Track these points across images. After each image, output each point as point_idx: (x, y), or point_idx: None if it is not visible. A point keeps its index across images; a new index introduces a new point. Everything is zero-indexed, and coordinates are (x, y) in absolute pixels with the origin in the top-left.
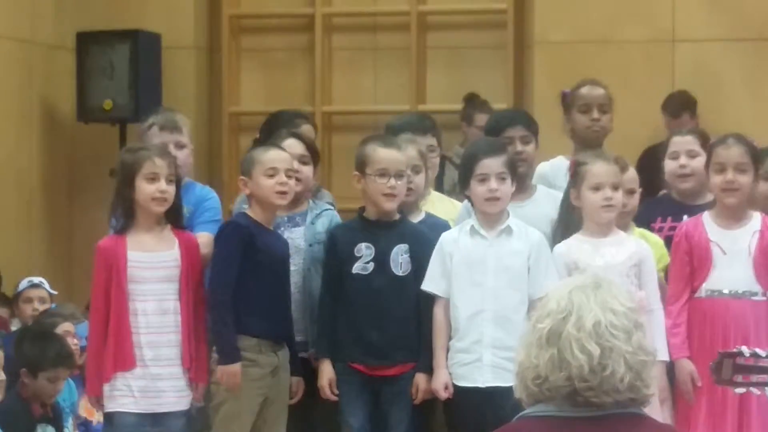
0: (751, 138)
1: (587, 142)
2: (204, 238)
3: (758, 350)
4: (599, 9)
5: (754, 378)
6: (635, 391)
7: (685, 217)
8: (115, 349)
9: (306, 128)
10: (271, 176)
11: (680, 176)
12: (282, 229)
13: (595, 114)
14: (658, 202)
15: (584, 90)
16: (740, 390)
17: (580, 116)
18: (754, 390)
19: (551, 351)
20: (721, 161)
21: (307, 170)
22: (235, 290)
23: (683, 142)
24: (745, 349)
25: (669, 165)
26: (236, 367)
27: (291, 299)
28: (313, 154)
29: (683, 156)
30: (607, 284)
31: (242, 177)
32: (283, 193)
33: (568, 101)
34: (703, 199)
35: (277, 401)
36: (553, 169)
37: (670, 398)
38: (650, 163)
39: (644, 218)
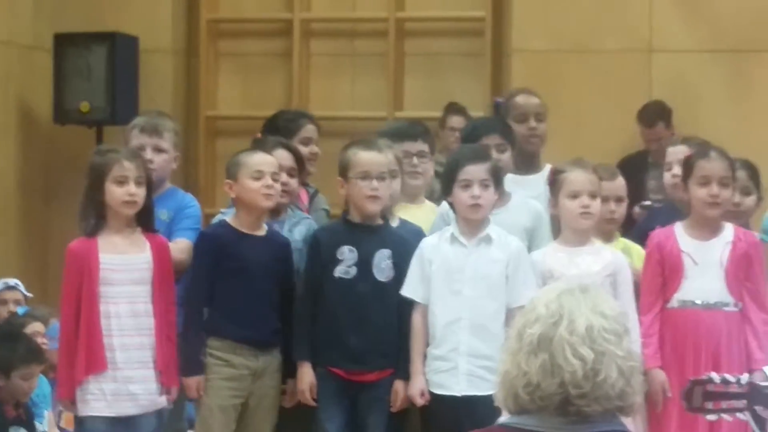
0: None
1: (525, 151)
2: (181, 244)
3: (727, 376)
4: (577, 18)
5: (725, 404)
6: (624, 399)
7: None
8: (87, 351)
9: (310, 128)
10: (257, 179)
11: (674, 186)
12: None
13: (532, 122)
14: (660, 211)
15: (520, 99)
16: (712, 417)
17: (516, 126)
18: (726, 416)
19: (543, 357)
20: (706, 174)
21: (294, 183)
22: (213, 296)
23: (676, 152)
24: (714, 375)
25: (665, 176)
26: (195, 380)
27: (288, 301)
28: (300, 165)
29: (676, 166)
30: (594, 288)
31: (228, 180)
32: (270, 195)
33: (502, 110)
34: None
35: (261, 408)
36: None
37: (643, 409)
38: (627, 173)
39: (644, 227)
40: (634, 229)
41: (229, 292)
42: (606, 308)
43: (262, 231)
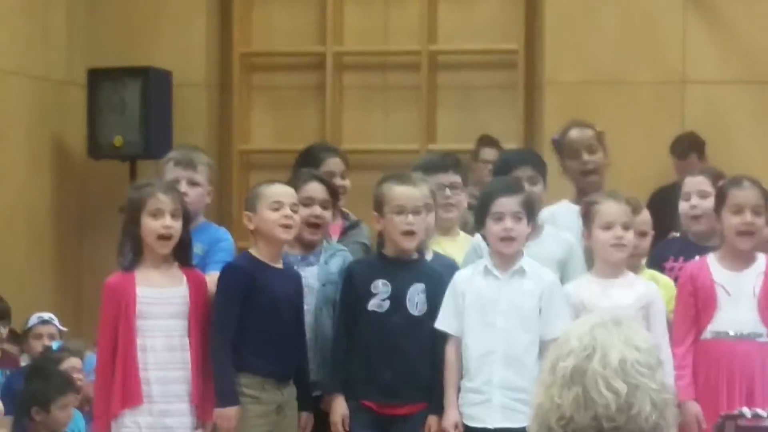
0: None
1: (584, 186)
2: (215, 277)
3: (759, 410)
4: (610, 50)
5: None
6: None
7: (697, 257)
8: (122, 385)
9: (332, 162)
10: (276, 210)
11: (692, 217)
12: (296, 267)
13: (585, 156)
14: (672, 243)
15: (572, 134)
16: None
17: (571, 162)
18: None
19: (576, 390)
20: (739, 203)
21: (327, 215)
22: (239, 330)
23: (694, 182)
24: (746, 410)
25: (682, 206)
26: (232, 411)
27: (302, 334)
28: (334, 197)
29: (694, 196)
30: (627, 321)
31: (246, 212)
32: (288, 226)
33: (558, 147)
34: (716, 240)
35: None
36: (553, 215)
37: None
38: (660, 205)
39: (657, 258)
40: (647, 260)
41: (257, 325)
42: (639, 341)
43: (280, 264)
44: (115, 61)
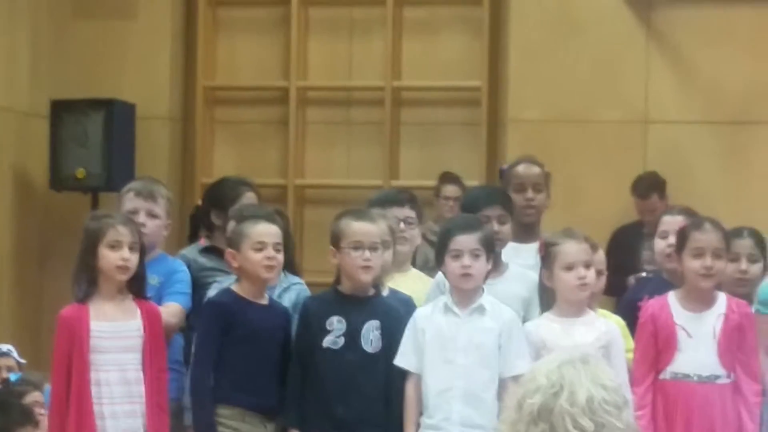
0: (721, 221)
1: (522, 222)
2: (172, 308)
3: None
4: (573, 88)
5: None
6: None
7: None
8: (77, 419)
9: (249, 196)
10: (260, 250)
11: (669, 256)
12: None
13: (530, 193)
14: (648, 281)
15: (520, 168)
16: None
17: (515, 195)
18: None
19: (543, 427)
20: (700, 246)
21: (280, 257)
22: (220, 364)
23: (674, 222)
24: None
25: (658, 244)
26: None
27: (287, 369)
28: (287, 239)
29: (672, 236)
30: (594, 360)
31: (230, 250)
32: (271, 267)
33: (506, 178)
34: None
35: None
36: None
37: None
38: (621, 244)
39: (632, 296)
40: (622, 299)
41: (237, 360)
42: (606, 380)
43: (265, 300)
44: (78, 93)
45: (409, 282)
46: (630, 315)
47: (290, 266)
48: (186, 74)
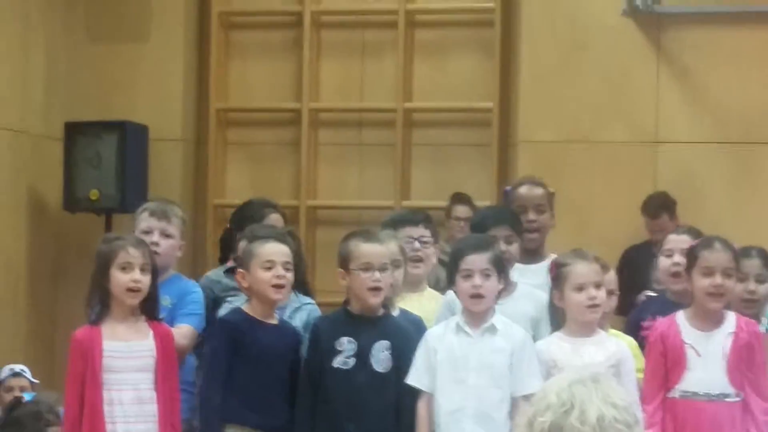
0: (731, 241)
1: (525, 246)
2: (184, 329)
3: None
4: (583, 109)
5: None
6: None
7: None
8: None
9: (274, 218)
10: (269, 269)
11: (673, 275)
12: None
13: (531, 215)
14: (652, 301)
15: (522, 190)
16: None
17: None
18: None
19: None
20: (710, 265)
21: (290, 276)
22: (229, 383)
23: (679, 240)
24: None
25: (663, 262)
26: None
27: (295, 389)
28: (299, 260)
29: (677, 254)
30: (605, 378)
31: (240, 270)
32: (280, 286)
33: (509, 199)
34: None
35: None
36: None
37: None
38: (631, 263)
39: (636, 316)
40: (628, 318)
41: (246, 379)
42: (617, 398)
43: (275, 319)
44: (92, 115)
45: (424, 302)
46: (634, 334)
47: (302, 287)
48: (199, 96)
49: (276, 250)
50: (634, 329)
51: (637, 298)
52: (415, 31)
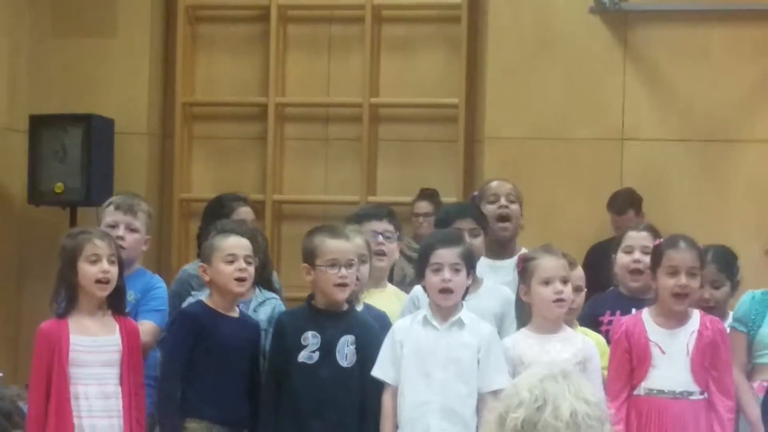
0: (696, 240)
1: (498, 237)
2: (146, 326)
3: None
4: (550, 106)
5: None
6: None
7: (633, 311)
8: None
9: (244, 211)
10: (231, 263)
11: (632, 271)
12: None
13: (503, 201)
14: (606, 296)
15: (493, 184)
16: None
17: (489, 207)
18: None
19: None
20: (674, 265)
21: (251, 269)
22: (188, 376)
23: (639, 237)
24: None
25: (622, 259)
26: None
27: (256, 383)
28: (265, 258)
29: (637, 251)
30: (575, 374)
31: (202, 264)
32: (242, 279)
33: (479, 196)
34: (651, 294)
35: None
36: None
37: None
38: (598, 260)
39: (592, 312)
40: (582, 314)
41: (206, 372)
42: (588, 394)
43: (236, 313)
44: (57, 108)
45: (385, 299)
46: (593, 330)
47: (267, 284)
48: (165, 90)
49: (237, 244)
50: (591, 324)
51: (605, 292)
52: (381, 26)
